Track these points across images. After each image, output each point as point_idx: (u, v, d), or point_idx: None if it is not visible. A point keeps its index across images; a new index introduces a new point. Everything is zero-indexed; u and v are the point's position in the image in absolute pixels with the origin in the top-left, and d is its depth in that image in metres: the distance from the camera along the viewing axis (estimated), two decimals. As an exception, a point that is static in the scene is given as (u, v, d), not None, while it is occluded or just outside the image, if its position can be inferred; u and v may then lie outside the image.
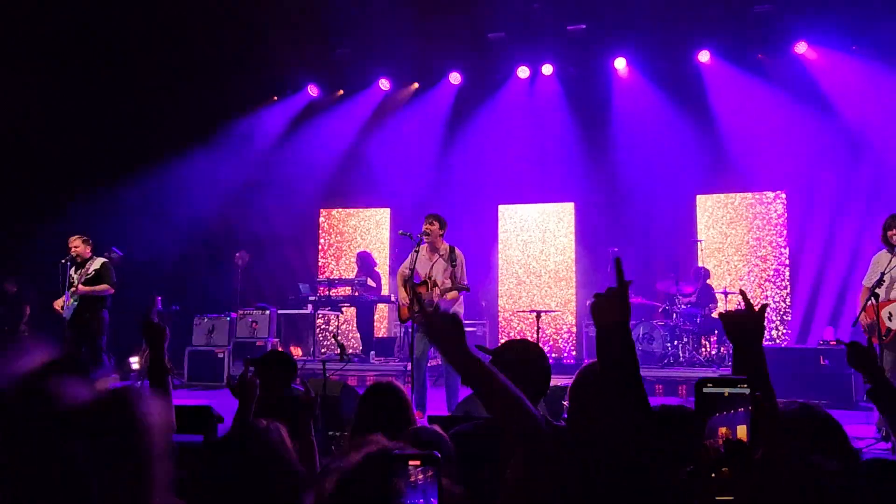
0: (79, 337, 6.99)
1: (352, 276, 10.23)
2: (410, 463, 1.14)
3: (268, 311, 9.09)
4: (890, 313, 4.95)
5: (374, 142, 11.10)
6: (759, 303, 1.63)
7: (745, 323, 1.49)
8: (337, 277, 10.43)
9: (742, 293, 1.35)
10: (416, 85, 11.09)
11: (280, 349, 9.20)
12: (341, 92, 11.27)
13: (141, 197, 10.18)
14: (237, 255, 9.95)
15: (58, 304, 7.09)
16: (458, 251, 6.08)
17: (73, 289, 7.03)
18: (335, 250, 11.77)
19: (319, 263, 11.69)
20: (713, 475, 1.13)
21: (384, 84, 11.01)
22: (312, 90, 11.24)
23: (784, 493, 1.11)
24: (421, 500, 1.14)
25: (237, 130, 10.94)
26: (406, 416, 2.35)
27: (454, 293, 5.96)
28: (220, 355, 8.68)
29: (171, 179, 10.24)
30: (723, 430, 1.15)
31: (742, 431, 1.15)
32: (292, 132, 11.32)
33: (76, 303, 6.97)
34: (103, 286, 7.04)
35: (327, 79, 11.18)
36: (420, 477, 1.14)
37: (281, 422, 1.79)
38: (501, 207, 11.23)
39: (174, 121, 10.20)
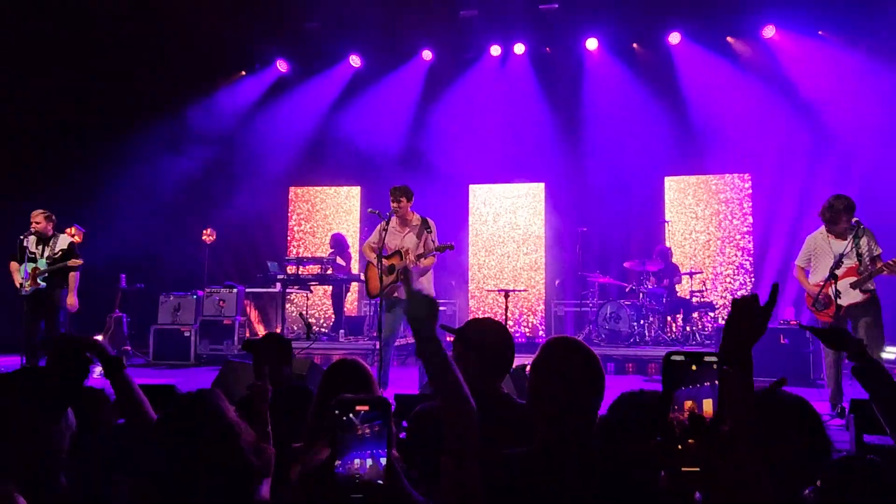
0: (36, 311, 6.84)
1: (322, 254, 10.15)
2: (358, 407, 1.19)
3: (235, 290, 8.99)
4: (838, 290, 5.07)
5: (344, 119, 10.97)
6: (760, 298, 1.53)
7: (756, 317, 1.35)
8: (306, 256, 10.34)
9: (774, 286, 1.27)
10: (387, 62, 10.96)
11: (248, 329, 9.14)
12: (311, 67, 11.09)
13: (105, 172, 9.95)
14: (204, 231, 9.79)
15: (14, 268, 6.93)
16: (430, 220, 6.05)
17: (34, 267, 6.86)
18: (305, 228, 11.67)
19: (288, 241, 11.58)
20: (679, 447, 1.15)
21: (355, 60, 10.87)
22: (282, 65, 11.05)
23: (748, 468, 1.14)
24: (370, 449, 1.18)
25: (205, 104, 10.73)
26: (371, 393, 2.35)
27: (430, 259, 5.92)
28: (187, 334, 8.58)
29: (137, 154, 10.02)
30: (689, 403, 1.16)
31: (708, 405, 1.17)
32: (261, 107, 11.14)
33: (44, 284, 6.82)
34: (75, 276, 6.92)
35: (297, 54, 10.99)
36: (368, 428, 1.19)
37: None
38: (472, 187, 11.22)
39: (141, 94, 9.97)
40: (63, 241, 6.95)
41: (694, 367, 1.19)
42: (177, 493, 1.53)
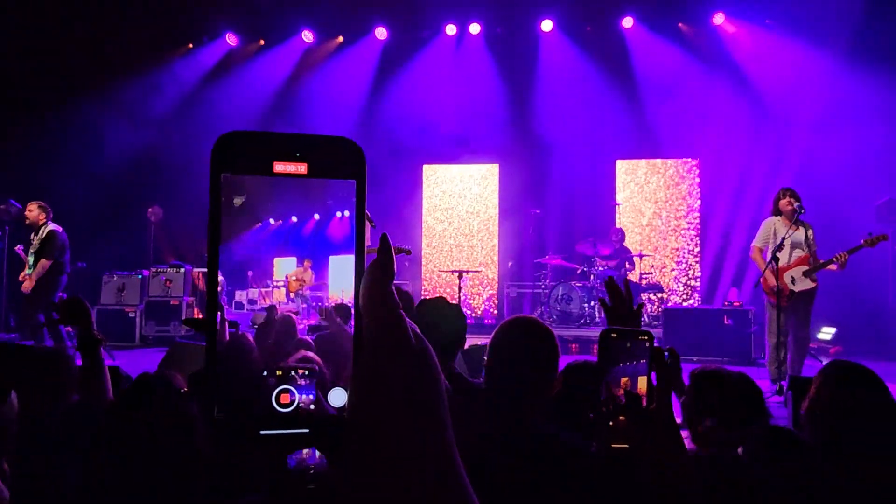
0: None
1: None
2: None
3: (182, 269, 8.76)
4: (792, 277, 5.29)
5: (295, 96, 10.75)
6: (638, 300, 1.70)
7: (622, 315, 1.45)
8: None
9: (626, 282, 1.35)
10: (340, 39, 10.77)
11: (197, 310, 8.94)
12: (262, 42, 10.81)
13: (47, 145, 9.53)
14: (150, 210, 9.50)
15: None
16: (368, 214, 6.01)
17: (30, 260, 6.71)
18: (255, 207, 11.44)
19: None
20: (611, 423, 1.17)
21: (307, 36, 10.63)
22: (231, 39, 10.73)
23: (672, 447, 1.17)
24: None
25: (151, 78, 10.35)
26: None
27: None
28: (132, 314, 8.34)
29: (79, 127, 9.62)
30: (624, 379, 1.19)
31: (643, 383, 1.20)
32: (209, 82, 10.81)
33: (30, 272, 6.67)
34: (43, 263, 6.71)
35: (247, 28, 10.68)
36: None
37: None
38: (426, 167, 11.17)
39: (84, 64, 9.53)
40: (44, 232, 6.79)
41: (629, 345, 1.21)
42: (129, 478, 1.49)
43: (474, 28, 10.35)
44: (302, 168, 0.60)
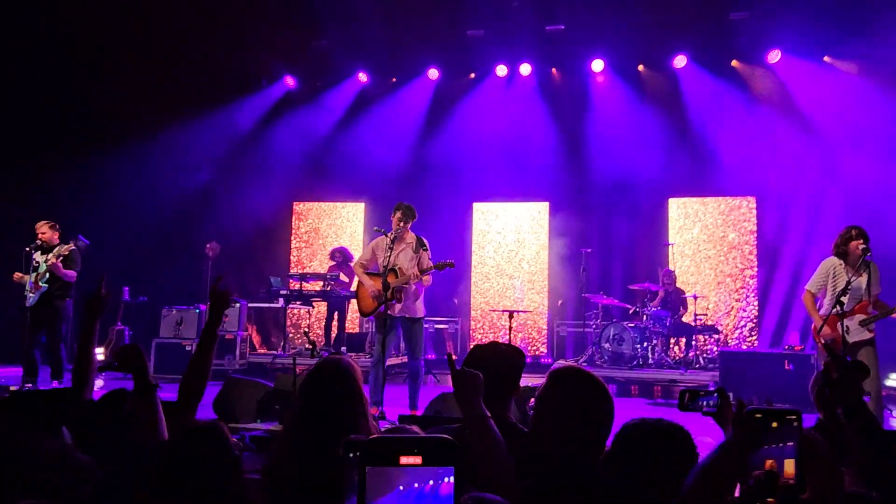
0: (38, 323, 6.86)
1: (324, 270, 10.14)
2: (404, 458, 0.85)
3: (238, 304, 8.97)
4: (847, 326, 4.95)
5: (350, 135, 11.01)
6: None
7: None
8: (309, 271, 10.33)
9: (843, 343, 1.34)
10: (393, 80, 11.03)
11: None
12: (318, 84, 11.16)
13: (111, 184, 9.98)
14: (208, 245, 9.80)
15: (18, 277, 6.94)
16: (424, 239, 6.08)
17: (36, 274, 6.88)
18: (308, 244, 11.67)
19: (291, 257, 11.57)
20: None
21: (362, 77, 10.93)
22: (289, 81, 11.12)
23: None
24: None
25: (213, 119, 10.77)
26: (359, 396, 2.22)
27: (427, 277, 5.97)
28: (188, 348, 8.55)
29: (142, 167, 10.05)
30: (769, 462, 1.13)
31: (790, 466, 1.13)
32: (268, 123, 11.19)
33: (46, 286, 6.83)
34: (69, 271, 6.92)
35: (305, 70, 11.06)
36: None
37: None
38: (476, 205, 11.22)
39: (149, 106, 10.00)
40: (64, 249, 7.00)
41: (774, 424, 1.15)
42: None
43: (525, 68, 10.46)
44: (418, 459, 0.82)
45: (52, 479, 1.56)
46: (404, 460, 0.82)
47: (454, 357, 1.90)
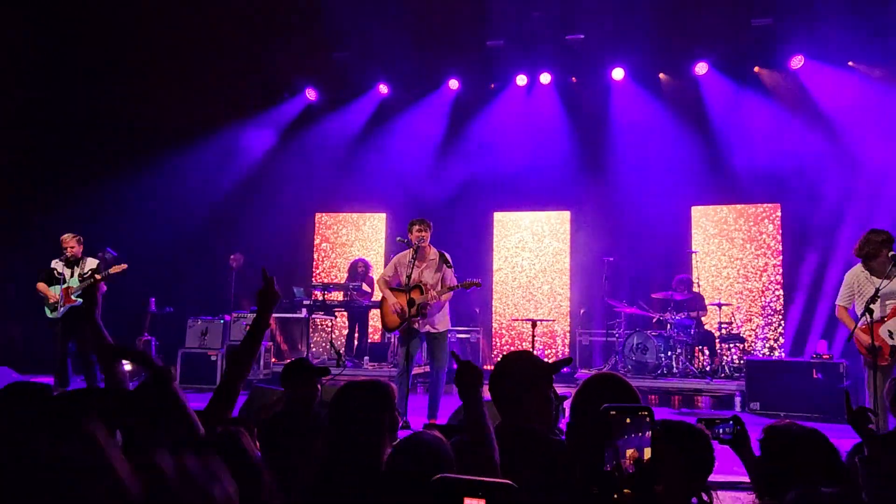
0: (68, 332, 6.97)
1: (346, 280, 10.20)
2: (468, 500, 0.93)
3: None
4: (889, 331, 4.85)
5: (371, 146, 11.09)
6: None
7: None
8: (332, 282, 10.40)
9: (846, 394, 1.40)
10: (414, 90, 11.11)
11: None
12: (339, 95, 11.27)
13: (136, 196, 10.15)
14: (232, 257, 9.92)
15: (42, 288, 7.05)
16: (447, 255, 6.10)
17: (66, 287, 7.01)
18: (330, 254, 11.75)
19: (314, 267, 11.66)
20: (616, 496, 1.19)
21: (383, 88, 11.03)
22: (310, 93, 11.25)
23: None
24: None
25: (235, 132, 10.92)
26: (392, 415, 2.28)
27: (448, 294, 6.02)
28: (213, 358, 8.64)
29: (167, 179, 10.21)
30: (630, 451, 1.22)
31: (649, 454, 1.23)
32: (290, 135, 11.32)
33: (80, 300, 6.95)
34: (102, 287, 7.04)
35: (326, 82, 11.18)
36: None
37: None
38: (497, 214, 11.23)
39: (171, 120, 10.18)
40: (91, 263, 7.13)
41: (628, 420, 1.26)
42: None
43: (545, 78, 10.48)
44: (482, 501, 0.88)
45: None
46: (468, 502, 0.89)
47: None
